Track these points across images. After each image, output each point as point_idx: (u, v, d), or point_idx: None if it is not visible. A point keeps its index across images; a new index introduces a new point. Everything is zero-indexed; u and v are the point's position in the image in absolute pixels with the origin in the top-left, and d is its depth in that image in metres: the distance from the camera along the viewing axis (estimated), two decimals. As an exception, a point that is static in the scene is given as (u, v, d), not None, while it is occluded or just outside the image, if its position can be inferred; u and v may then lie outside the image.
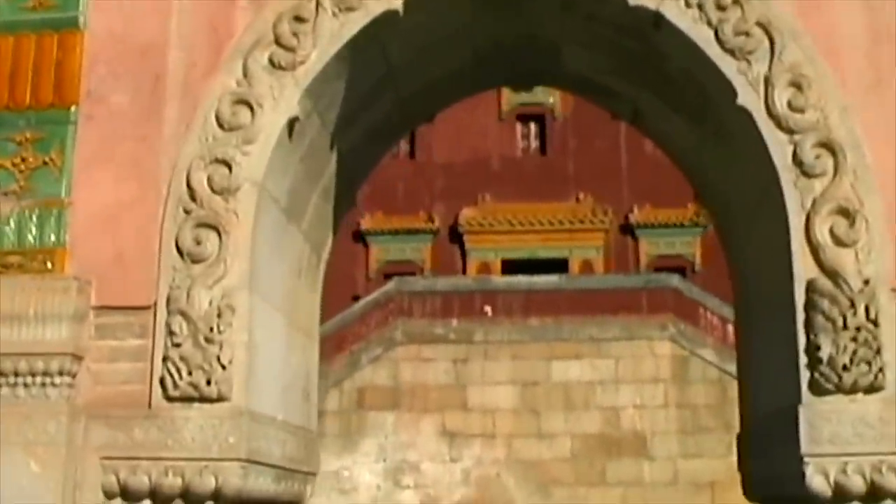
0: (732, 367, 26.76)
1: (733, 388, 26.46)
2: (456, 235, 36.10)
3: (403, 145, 37.84)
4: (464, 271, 35.24)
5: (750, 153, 6.56)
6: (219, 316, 6.29)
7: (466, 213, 35.82)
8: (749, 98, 6.36)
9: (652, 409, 26.25)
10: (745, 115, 6.37)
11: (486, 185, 36.12)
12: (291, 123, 6.67)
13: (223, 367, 6.23)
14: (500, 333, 28.00)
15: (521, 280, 29.04)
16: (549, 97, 36.64)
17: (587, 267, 34.03)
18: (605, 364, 26.67)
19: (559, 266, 32.95)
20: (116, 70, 6.87)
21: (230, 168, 6.52)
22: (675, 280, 27.72)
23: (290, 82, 6.64)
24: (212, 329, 6.26)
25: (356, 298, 31.60)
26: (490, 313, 28.55)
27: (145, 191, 6.66)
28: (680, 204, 34.27)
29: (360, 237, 36.50)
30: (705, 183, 7.90)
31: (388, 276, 32.17)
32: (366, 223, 36.28)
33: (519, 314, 28.15)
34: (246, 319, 6.34)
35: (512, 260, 34.64)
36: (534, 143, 37.12)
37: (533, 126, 37.09)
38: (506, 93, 36.91)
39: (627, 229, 34.96)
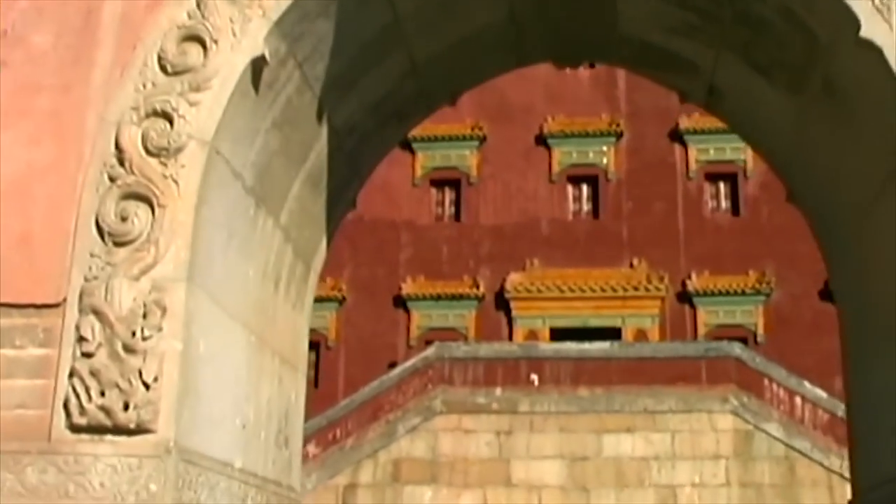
0: (800, 444, 24.74)
1: (802, 466, 24.45)
2: (502, 302, 34.23)
3: (448, 207, 36.29)
4: (510, 340, 33.35)
5: (874, 114, 4.81)
6: (144, 316, 4.60)
7: (514, 279, 34.00)
8: (877, 29, 4.62)
9: (712, 488, 24.05)
10: (872, 54, 4.63)
11: (535, 249, 34.32)
12: (258, 67, 5.02)
13: (146, 387, 4.53)
14: (547, 404, 26.04)
15: (571, 347, 27.09)
16: (602, 158, 34.97)
17: (641, 337, 31.95)
18: (660, 438, 24.55)
19: (611, 336, 30.90)
20: (40, 3, 5.30)
21: (171, 122, 4.89)
22: (736, 348, 25.64)
23: (256, 13, 5.02)
24: (134, 334, 4.58)
25: (394, 366, 29.82)
26: (536, 382, 26.63)
27: (65, 154, 5.05)
28: (741, 270, 32.29)
29: (400, 302, 34.77)
30: (803, 172, 6.11)
31: (429, 344, 30.32)
32: (407, 287, 34.58)
33: (567, 383, 26.20)
34: (181, 322, 4.65)
35: (561, 328, 32.65)
36: (586, 206, 35.29)
37: (585, 188, 35.30)
38: (557, 153, 35.33)
39: (685, 297, 32.90)
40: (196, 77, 4.93)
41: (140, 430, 4.49)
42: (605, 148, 35.13)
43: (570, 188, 35.53)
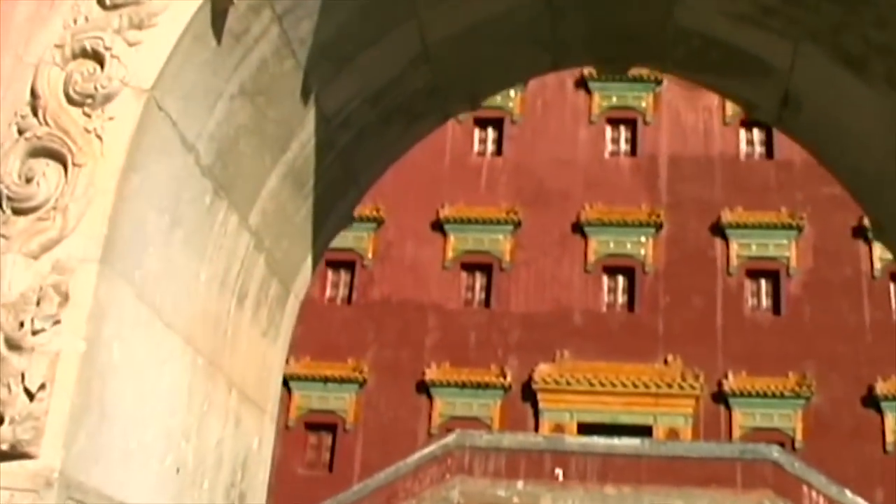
0: (839, 556, 23.09)
1: (840, 579, 22.76)
2: (529, 393, 32.83)
3: (479, 292, 35.09)
4: (535, 433, 31.89)
5: None
6: (37, 304, 3.48)
7: (542, 370, 32.65)
8: None
9: None
10: None
11: (566, 340, 33.01)
12: (220, 6, 3.96)
13: (29, 396, 3.38)
14: (571, 500, 24.61)
15: (598, 442, 25.70)
16: (640, 249, 33.80)
17: (673, 437, 30.30)
18: (690, 543, 23.09)
19: (641, 434, 29.42)
20: (-38, -72, 4.28)
21: (102, 64, 3.81)
22: (774, 452, 24.15)
23: (222, -62, 3.97)
24: (22, 325, 3.45)
25: (414, 453, 28.44)
26: (561, 477, 25.23)
27: (-28, 105, 3.98)
28: (780, 372, 30.80)
29: (424, 388, 33.41)
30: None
31: (451, 432, 28.96)
32: (431, 373, 33.25)
33: (594, 480, 24.77)
34: (87, 315, 3.51)
35: (589, 424, 31.18)
36: (621, 298, 34.01)
37: (621, 279, 34.05)
38: (593, 242, 34.21)
39: (720, 398, 31.37)
40: (139, 11, 3.86)
41: (16, 453, 3.33)
42: (643, 239, 33.99)
43: (605, 279, 34.31)
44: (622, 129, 36.03)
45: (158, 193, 3.96)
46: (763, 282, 32.98)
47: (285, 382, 33.60)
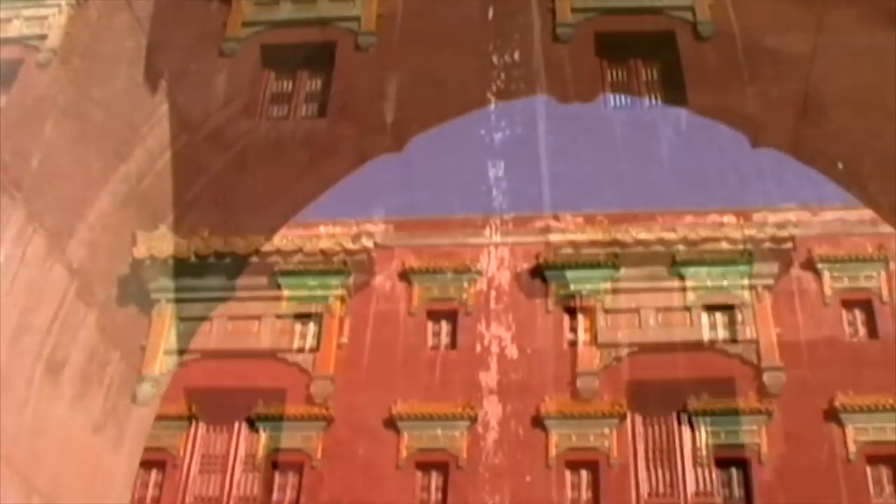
0: None
1: None
2: None
3: (434, 493, 32.94)
4: None
5: None
6: None
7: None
8: None
9: None
10: None
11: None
12: None
13: None
14: None
15: None
16: (604, 441, 32.08)
17: None
18: None
19: None
20: None
21: None
22: None
23: None
24: None
25: None
26: None
27: None
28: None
29: None
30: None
31: None
32: None
33: None
34: None
35: None
36: (585, 494, 32.09)
37: (584, 473, 32.25)
38: (554, 435, 32.45)
39: None
40: None
41: None
42: (607, 430, 32.33)
43: (567, 473, 32.40)
44: (580, 318, 34.87)
45: None
46: (734, 471, 31.27)
47: None
